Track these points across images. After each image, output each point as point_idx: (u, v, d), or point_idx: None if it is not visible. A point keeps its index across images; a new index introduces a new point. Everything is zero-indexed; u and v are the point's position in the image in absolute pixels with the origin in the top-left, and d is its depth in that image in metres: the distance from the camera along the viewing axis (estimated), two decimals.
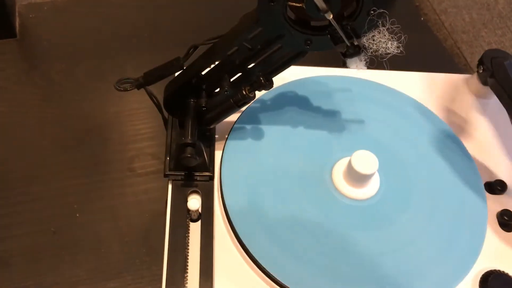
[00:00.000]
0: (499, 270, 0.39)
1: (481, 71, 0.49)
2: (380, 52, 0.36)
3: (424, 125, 0.47)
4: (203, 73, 0.38)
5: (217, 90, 0.39)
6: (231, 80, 0.39)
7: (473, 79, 0.51)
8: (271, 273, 0.36)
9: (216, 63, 0.38)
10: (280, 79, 0.47)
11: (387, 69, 0.37)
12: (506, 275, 0.39)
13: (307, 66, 0.48)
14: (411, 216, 0.41)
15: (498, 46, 0.76)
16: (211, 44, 0.37)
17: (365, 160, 0.40)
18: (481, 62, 0.49)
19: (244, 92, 0.37)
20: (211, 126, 0.41)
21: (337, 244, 0.38)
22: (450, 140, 0.46)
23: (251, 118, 0.44)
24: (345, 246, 0.38)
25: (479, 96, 0.51)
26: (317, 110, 0.46)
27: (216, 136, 0.44)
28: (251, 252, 0.37)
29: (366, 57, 0.36)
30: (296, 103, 0.45)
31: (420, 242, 0.39)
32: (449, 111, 0.49)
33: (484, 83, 0.50)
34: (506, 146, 0.48)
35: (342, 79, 0.48)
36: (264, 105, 0.45)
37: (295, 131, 0.44)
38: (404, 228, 0.40)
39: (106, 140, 0.53)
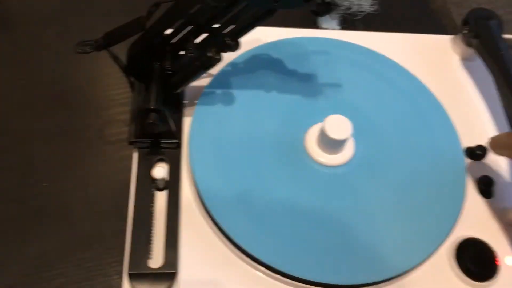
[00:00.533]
0: (475, 238, 0.38)
1: (465, 32, 0.47)
2: (353, 10, 0.34)
3: (403, 88, 0.45)
4: (166, 33, 0.36)
5: (183, 52, 0.37)
6: (197, 41, 0.37)
7: (458, 40, 0.49)
8: (239, 243, 0.35)
9: (180, 22, 0.35)
10: (255, 41, 0.45)
11: (361, 29, 0.35)
12: (482, 242, 0.38)
13: (280, 27, 0.45)
14: (387, 182, 0.39)
15: (489, 7, 0.73)
16: (174, 1, 0.35)
17: (338, 125, 0.38)
18: (465, 22, 0.47)
19: (209, 54, 0.35)
20: (178, 91, 0.39)
21: (308, 212, 0.37)
22: (430, 104, 0.44)
23: (223, 82, 0.42)
24: (317, 213, 0.37)
25: (464, 58, 0.49)
26: (292, 73, 0.43)
27: (186, 101, 0.42)
28: (218, 222, 0.36)
29: (338, 16, 0.34)
30: (270, 66, 0.43)
31: (396, 208, 0.38)
32: (432, 74, 0.47)
33: (469, 44, 0.47)
34: (490, 109, 0.46)
35: (319, 41, 0.46)
36: (236, 69, 0.43)
37: (268, 95, 0.42)
38: (380, 194, 0.39)
39: (76, 106, 0.51)
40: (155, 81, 0.37)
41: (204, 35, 0.37)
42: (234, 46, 0.35)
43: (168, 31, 0.36)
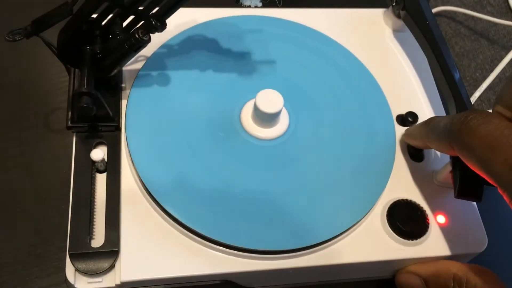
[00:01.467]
0: (406, 199, 0.40)
1: (394, 4, 0.49)
2: None
3: (336, 61, 0.46)
4: (94, 17, 0.37)
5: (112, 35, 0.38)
6: (125, 24, 0.37)
7: (388, 12, 0.51)
8: (178, 217, 0.36)
9: (106, 5, 0.36)
10: (188, 23, 0.46)
11: (279, 5, 0.36)
12: (411, 202, 0.40)
13: (208, 8, 0.46)
14: (320, 151, 0.41)
15: None
16: None
17: (270, 99, 0.39)
18: None
19: (137, 36, 0.36)
20: (111, 74, 0.39)
21: (246, 186, 0.38)
22: (362, 75, 0.46)
23: (157, 64, 0.43)
24: (254, 186, 0.39)
25: (395, 29, 0.51)
26: (226, 52, 0.44)
27: (124, 85, 0.43)
28: (158, 199, 0.37)
29: None
30: (204, 46, 0.44)
31: (329, 175, 0.40)
32: (365, 46, 0.49)
33: (398, 15, 0.49)
34: (420, 78, 0.48)
35: (250, 19, 0.47)
36: (171, 50, 0.44)
37: (203, 75, 0.43)
38: (313, 163, 0.40)
39: (20, 95, 0.51)
40: (87, 65, 0.37)
41: (131, 18, 0.37)
42: (160, 27, 0.36)
43: (96, 15, 0.37)
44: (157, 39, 0.44)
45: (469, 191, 0.38)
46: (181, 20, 0.46)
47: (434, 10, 0.71)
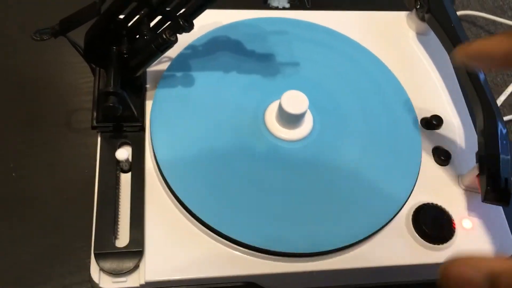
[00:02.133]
0: (432, 203, 0.39)
1: (418, 7, 0.49)
2: None
3: (360, 63, 0.46)
4: (121, 17, 0.37)
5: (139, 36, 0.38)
6: (152, 24, 0.37)
7: (412, 15, 0.50)
8: (202, 218, 0.36)
9: (133, 6, 0.36)
10: (212, 24, 0.46)
11: (309, 6, 0.36)
12: (437, 206, 0.39)
13: (233, 9, 0.46)
14: (344, 154, 0.41)
15: None
16: None
17: (295, 100, 0.39)
18: None
19: (164, 36, 0.36)
20: (137, 74, 0.39)
21: (270, 186, 0.38)
22: (386, 78, 0.46)
23: (182, 65, 0.43)
24: (279, 188, 0.38)
25: (419, 32, 0.50)
26: (251, 54, 0.44)
27: (148, 85, 0.43)
28: (182, 200, 0.37)
29: None
30: (228, 47, 0.44)
31: (353, 179, 0.39)
32: (388, 49, 0.48)
33: (422, 18, 0.49)
34: (444, 81, 0.47)
35: (275, 21, 0.47)
36: (196, 51, 0.44)
37: (227, 76, 0.43)
38: (337, 166, 0.40)
39: (42, 95, 0.52)
40: (113, 65, 0.37)
41: (158, 18, 0.37)
42: (188, 27, 0.36)
43: (123, 15, 0.37)
44: (181, 41, 0.44)
45: (497, 196, 0.37)
46: (206, 22, 0.46)
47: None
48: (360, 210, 0.38)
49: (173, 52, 0.43)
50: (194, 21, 0.37)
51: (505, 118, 0.63)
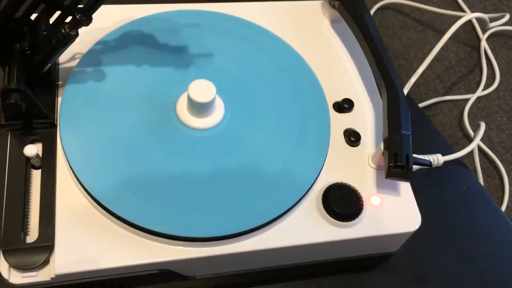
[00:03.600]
0: (340, 183, 0.41)
1: None
2: None
3: (271, 51, 0.47)
4: (19, 15, 0.37)
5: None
6: (53, 20, 0.38)
7: (325, 4, 0.52)
8: (113, 210, 0.37)
9: (30, 3, 0.36)
10: (126, 19, 0.46)
11: None
12: (346, 185, 0.41)
13: (146, 4, 0.47)
14: (255, 139, 0.42)
15: None
16: None
17: (202, 89, 0.40)
18: None
19: (63, 31, 0.36)
20: (43, 70, 0.40)
21: (180, 174, 0.39)
22: (297, 64, 0.47)
23: (93, 60, 0.43)
24: (188, 174, 0.39)
25: (332, 20, 0.52)
26: (163, 47, 0.45)
27: (60, 82, 0.43)
28: (91, 193, 0.37)
29: None
30: (141, 41, 0.45)
31: (263, 163, 0.41)
32: (302, 38, 0.49)
33: (334, 6, 0.50)
34: (357, 66, 0.49)
35: (188, 13, 0.47)
36: (107, 47, 0.44)
37: (139, 70, 0.43)
38: (248, 151, 0.41)
39: None
40: (16, 62, 0.37)
41: (58, 13, 0.38)
42: (86, 21, 0.36)
43: (22, 12, 0.37)
44: (94, 36, 0.44)
45: (398, 172, 0.39)
46: (119, 17, 0.46)
47: (381, 3, 0.73)
48: (270, 192, 0.39)
49: (84, 48, 0.44)
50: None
51: (425, 103, 0.65)
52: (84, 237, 0.36)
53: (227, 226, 0.37)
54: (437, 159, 0.46)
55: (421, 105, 0.65)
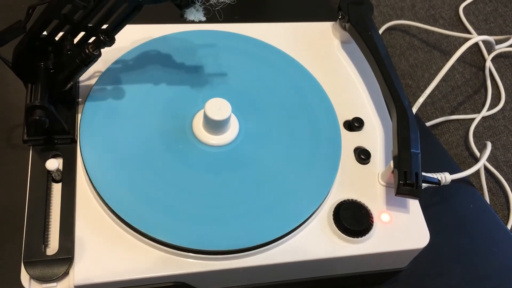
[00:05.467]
0: (351, 199, 0.42)
1: (340, 17, 0.52)
2: (213, 1, 0.37)
3: (284, 70, 0.49)
4: (45, 34, 0.39)
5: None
6: (76, 40, 0.39)
7: (336, 25, 0.53)
8: (131, 223, 0.38)
9: (57, 23, 0.38)
10: (143, 39, 0.48)
11: (221, 19, 0.38)
12: (356, 202, 0.42)
13: (165, 24, 0.49)
14: (267, 156, 0.43)
15: None
16: (47, 3, 0.37)
17: (218, 107, 0.41)
18: (339, 8, 0.52)
19: (87, 51, 0.38)
20: (65, 88, 0.41)
21: (196, 189, 0.40)
22: (309, 83, 0.48)
23: (111, 79, 0.45)
24: (204, 190, 0.40)
25: (343, 41, 0.53)
26: (179, 66, 0.47)
27: (80, 99, 0.44)
28: (111, 206, 0.38)
29: (201, 7, 0.38)
30: (158, 60, 0.46)
31: (276, 179, 0.42)
32: (314, 57, 0.51)
33: (344, 28, 0.52)
34: (366, 85, 0.50)
35: (204, 33, 0.49)
36: (125, 65, 0.46)
37: (156, 88, 0.45)
38: (261, 167, 0.42)
39: None
40: (40, 80, 0.39)
41: (82, 34, 0.39)
42: (109, 42, 0.38)
43: (47, 32, 0.39)
44: (111, 55, 0.46)
45: (408, 189, 0.40)
46: (136, 37, 0.48)
47: (388, 24, 0.74)
48: (281, 208, 0.40)
49: (103, 66, 0.45)
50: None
51: (432, 122, 0.67)
52: (103, 250, 0.38)
53: (240, 240, 0.38)
54: (445, 177, 0.47)
55: (428, 124, 0.66)
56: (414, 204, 0.44)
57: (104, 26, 0.39)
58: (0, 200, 0.47)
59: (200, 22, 0.38)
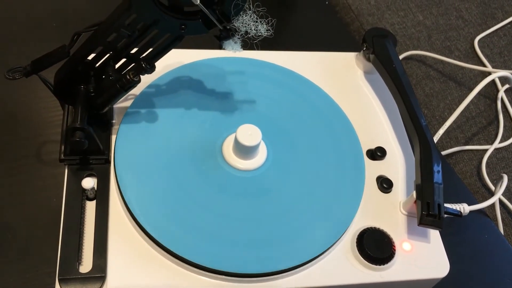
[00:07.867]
0: (373, 227, 0.43)
1: (364, 48, 0.53)
2: (251, 34, 0.39)
3: (310, 99, 0.50)
4: (89, 59, 0.40)
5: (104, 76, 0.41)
6: (117, 65, 0.41)
7: (360, 56, 0.55)
8: (164, 244, 0.39)
9: (100, 49, 0.40)
10: (175, 63, 0.50)
11: (258, 49, 0.40)
12: (379, 230, 0.43)
13: (197, 49, 0.50)
14: (294, 183, 0.44)
15: (401, 27, 0.81)
16: (93, 31, 0.39)
17: (249, 133, 0.43)
18: (364, 40, 0.53)
19: (128, 77, 0.39)
20: (103, 111, 0.43)
21: (228, 213, 0.42)
22: (334, 113, 0.50)
23: (145, 102, 0.46)
24: (235, 213, 0.42)
25: (366, 71, 0.55)
26: (210, 91, 0.48)
27: (114, 121, 0.46)
28: (144, 227, 0.40)
29: (239, 39, 0.39)
30: (189, 86, 0.48)
31: (301, 206, 0.43)
32: (338, 87, 0.53)
33: (368, 59, 0.54)
34: (388, 115, 0.52)
35: (234, 60, 0.51)
36: (158, 89, 0.47)
37: (188, 113, 0.47)
38: (287, 193, 0.44)
39: (14, 128, 0.54)
40: (80, 103, 0.41)
41: (123, 60, 0.41)
42: (150, 69, 0.39)
43: (90, 57, 0.40)
44: (145, 79, 0.48)
45: (430, 220, 0.41)
46: (169, 61, 0.49)
47: (405, 54, 0.76)
48: (307, 234, 0.42)
49: (137, 90, 0.47)
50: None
51: (447, 152, 0.68)
52: (135, 269, 0.39)
53: (267, 265, 0.40)
54: (464, 208, 0.48)
55: (443, 153, 0.67)
56: (434, 234, 0.45)
57: (145, 54, 0.41)
58: (28, 215, 0.48)
59: (236, 52, 0.39)
